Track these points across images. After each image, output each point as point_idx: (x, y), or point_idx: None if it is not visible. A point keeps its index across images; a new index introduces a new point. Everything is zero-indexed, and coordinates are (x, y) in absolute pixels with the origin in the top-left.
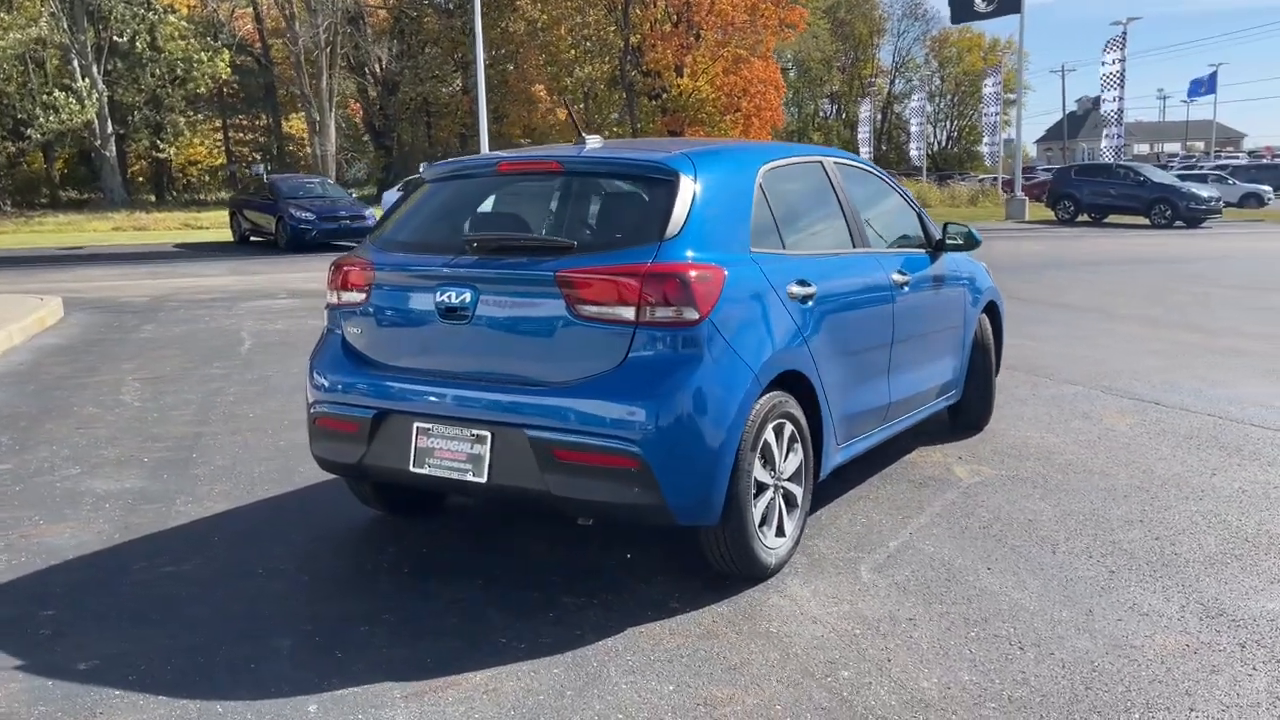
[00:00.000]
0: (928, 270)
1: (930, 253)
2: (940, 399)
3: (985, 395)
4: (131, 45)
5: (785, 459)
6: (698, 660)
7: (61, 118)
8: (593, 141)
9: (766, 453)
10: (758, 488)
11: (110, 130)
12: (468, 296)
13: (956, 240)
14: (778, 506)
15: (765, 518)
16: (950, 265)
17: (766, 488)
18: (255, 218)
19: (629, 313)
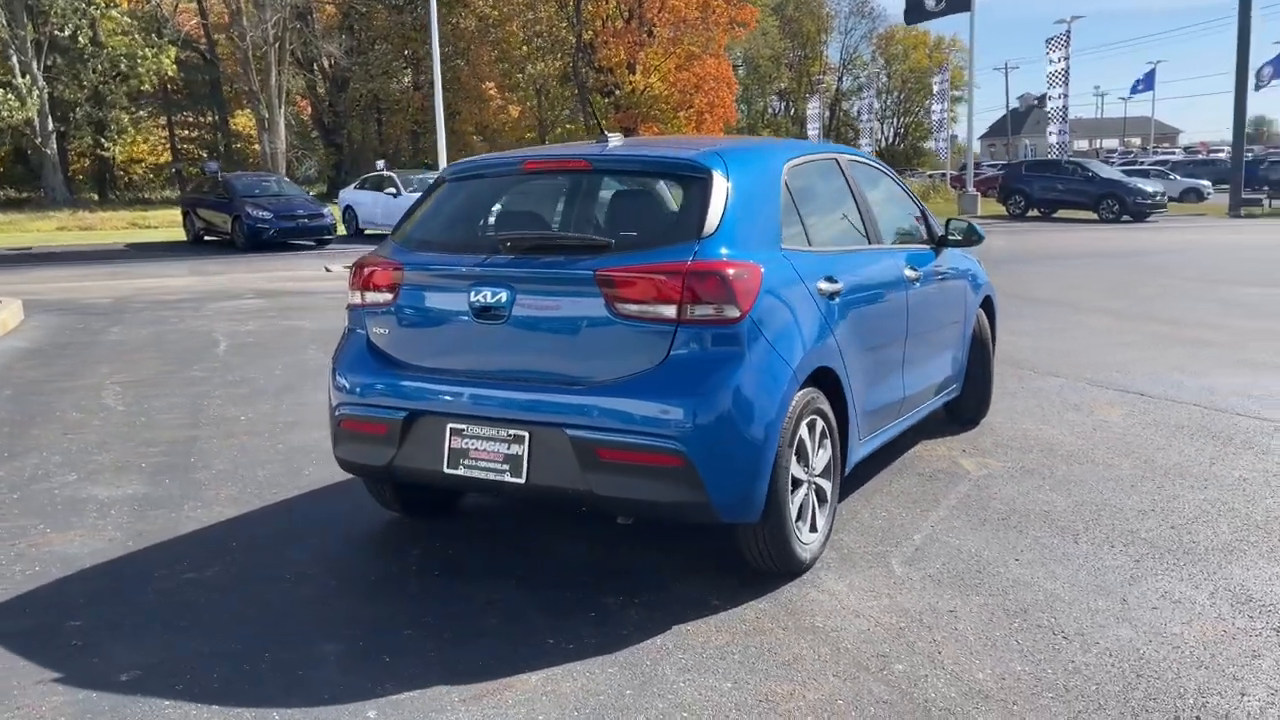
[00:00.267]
0: (934, 265)
1: (934, 248)
2: (944, 393)
3: (984, 389)
4: (73, 40)
5: (816, 455)
6: (750, 657)
7: (1, 114)
8: (614, 139)
9: (801, 449)
10: (793, 484)
11: (51, 128)
12: (503, 296)
13: (960, 235)
14: (811, 502)
15: (800, 513)
16: (951, 260)
17: (801, 484)
18: (210, 216)
19: (670, 311)
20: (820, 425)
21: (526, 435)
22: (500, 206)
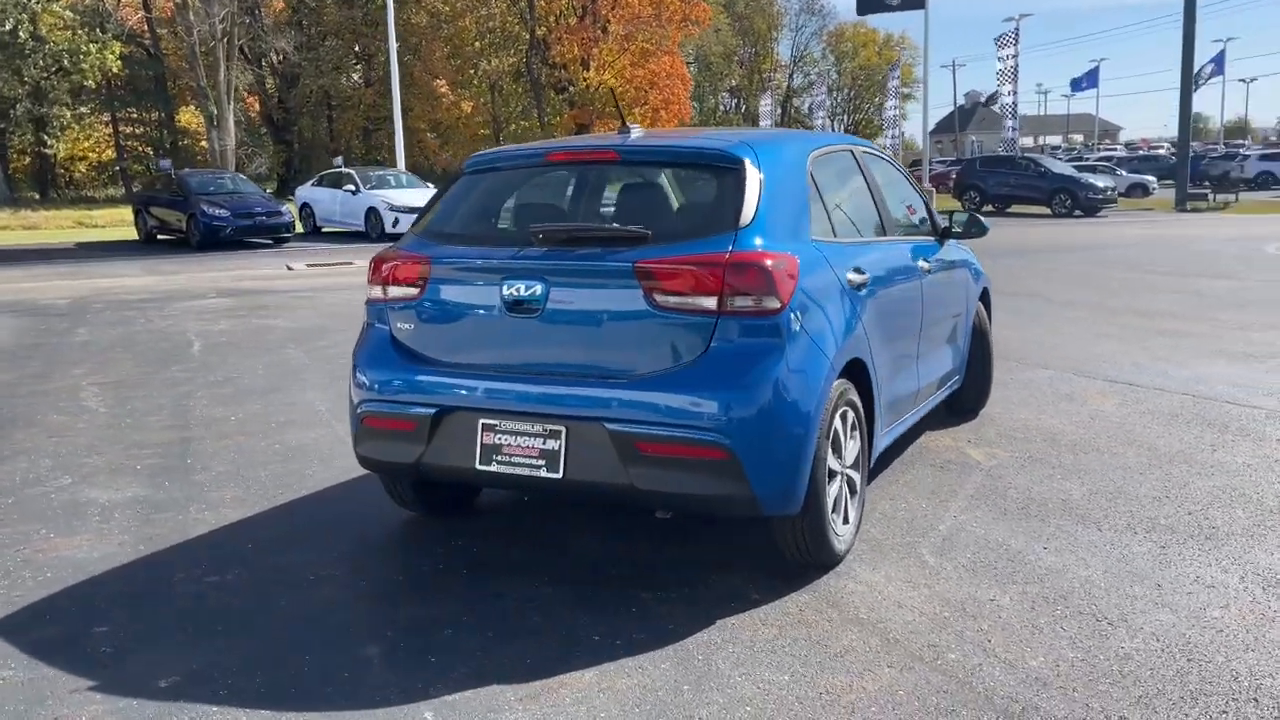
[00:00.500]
0: (941, 257)
1: (938, 240)
2: (949, 384)
3: (984, 381)
4: (12, 35)
5: (847, 446)
6: (801, 649)
7: None
8: (635, 130)
9: (835, 440)
10: (829, 475)
11: None
12: (538, 289)
13: (963, 228)
14: (844, 494)
15: (835, 505)
16: (954, 252)
17: (835, 475)
18: (163, 215)
19: (710, 303)
20: (851, 417)
21: (563, 430)
22: (525, 198)
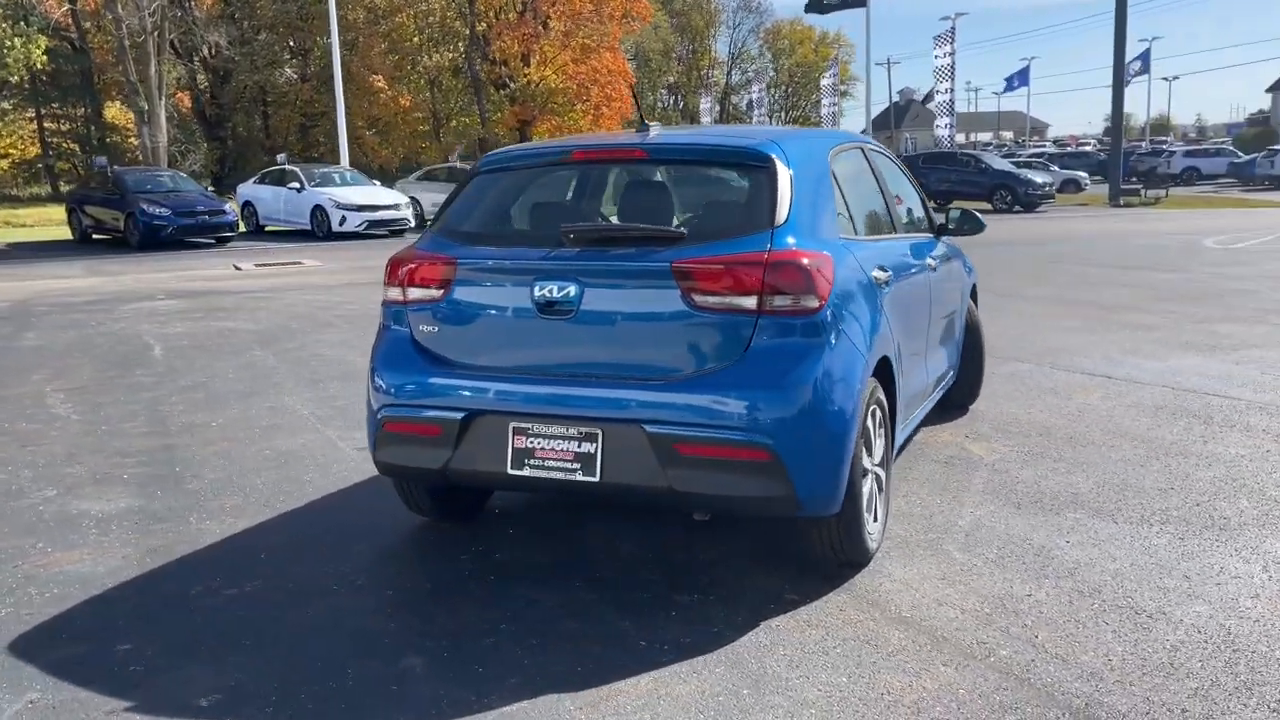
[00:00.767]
0: (940, 253)
1: (934, 236)
2: (946, 380)
3: (976, 376)
4: None
5: (876, 444)
6: (852, 650)
7: None
8: (654, 128)
9: (867, 438)
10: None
11: None
12: (571, 290)
13: (957, 225)
14: (874, 491)
15: (867, 503)
16: (948, 248)
17: (866, 473)
18: (99, 214)
19: (750, 302)
20: (879, 414)
21: (599, 433)
22: (549, 197)
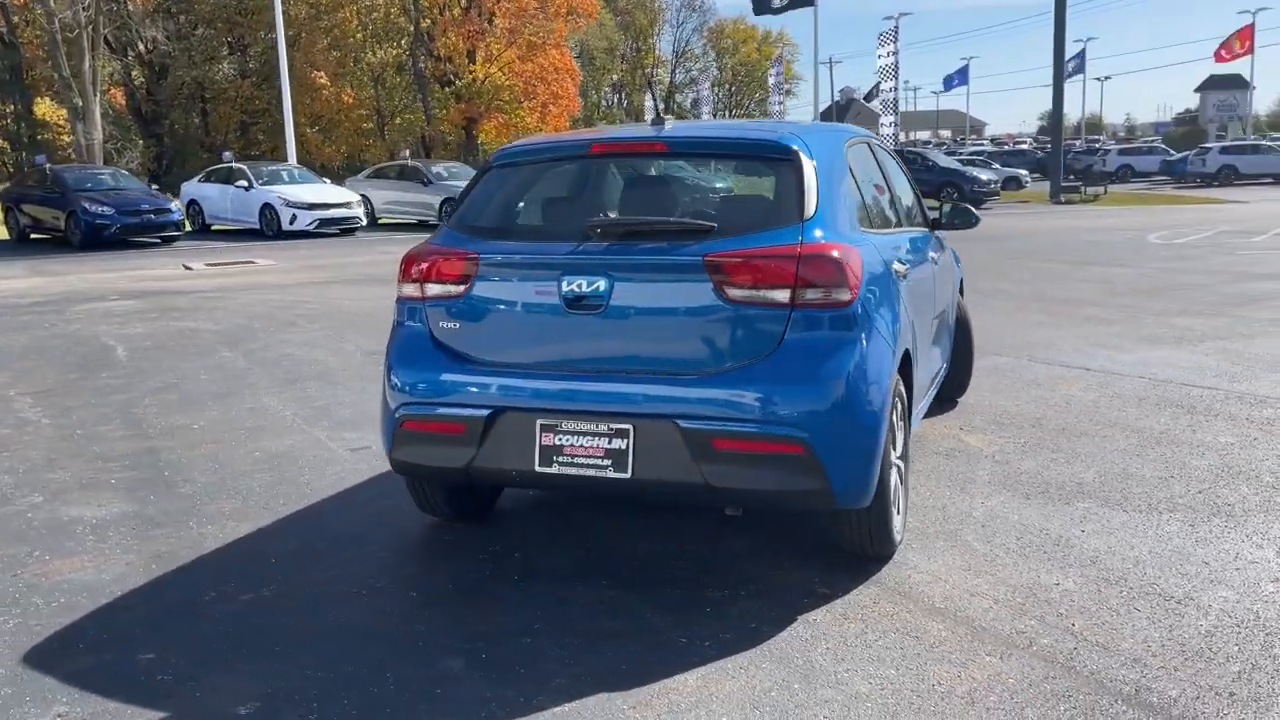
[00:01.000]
0: (939, 246)
1: (930, 230)
2: (941, 373)
3: (966, 368)
4: None
5: (898, 436)
6: (895, 642)
7: None
8: (670, 122)
9: (891, 431)
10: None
11: None
12: (600, 285)
13: (954, 220)
14: (897, 484)
15: (893, 496)
16: (944, 243)
17: (891, 466)
18: (38, 212)
19: (783, 296)
20: (900, 407)
21: (630, 428)
22: (569, 192)
